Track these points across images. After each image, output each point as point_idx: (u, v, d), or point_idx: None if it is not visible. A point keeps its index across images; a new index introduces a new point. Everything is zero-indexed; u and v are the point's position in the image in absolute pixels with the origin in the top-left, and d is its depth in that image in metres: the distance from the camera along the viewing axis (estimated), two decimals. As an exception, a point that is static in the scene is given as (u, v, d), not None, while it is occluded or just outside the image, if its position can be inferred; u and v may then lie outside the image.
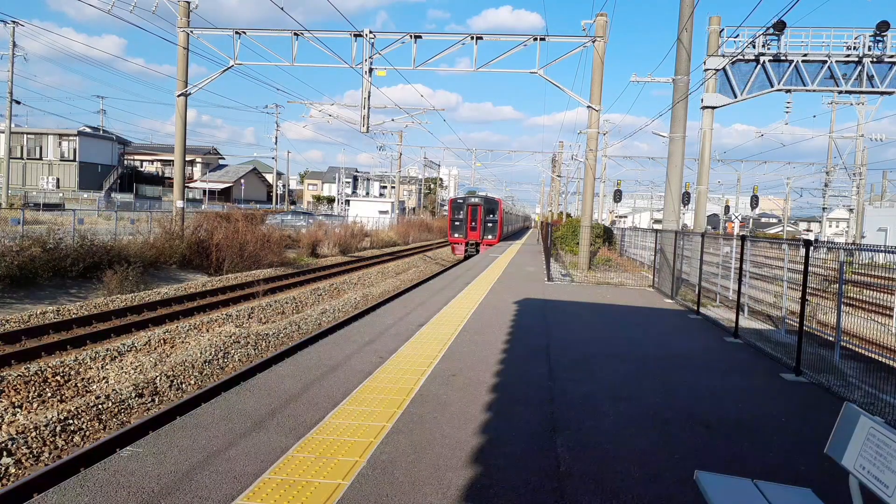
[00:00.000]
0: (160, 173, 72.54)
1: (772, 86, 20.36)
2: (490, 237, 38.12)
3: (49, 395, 9.50)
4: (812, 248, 7.96)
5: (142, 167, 74.41)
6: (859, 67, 19.88)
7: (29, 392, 9.41)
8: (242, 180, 77.22)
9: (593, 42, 21.77)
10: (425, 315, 10.67)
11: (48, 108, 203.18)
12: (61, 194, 52.30)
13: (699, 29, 19.68)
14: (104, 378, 10.53)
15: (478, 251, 36.03)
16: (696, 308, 12.83)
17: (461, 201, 39.65)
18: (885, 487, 2.85)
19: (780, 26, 18.53)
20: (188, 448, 4.49)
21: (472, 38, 22.53)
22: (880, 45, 19.64)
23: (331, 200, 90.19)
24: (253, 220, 28.51)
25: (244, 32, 23.89)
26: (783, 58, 20.15)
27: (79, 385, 10.09)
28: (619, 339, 9.66)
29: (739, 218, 57.49)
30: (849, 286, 8.71)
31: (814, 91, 20.86)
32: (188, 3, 24.45)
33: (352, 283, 24.27)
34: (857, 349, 8.40)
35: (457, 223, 38.72)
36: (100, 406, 8.97)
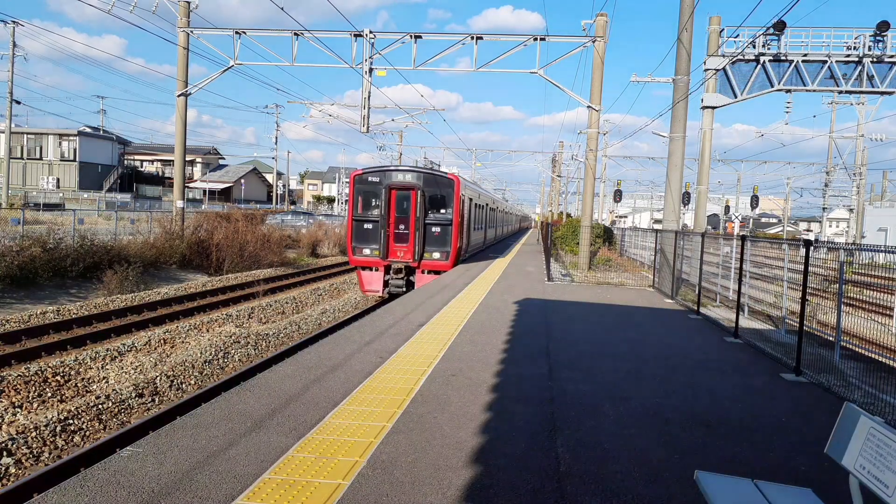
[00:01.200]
0: (160, 173, 72.53)
1: (772, 86, 20.36)
2: (436, 255, 19.14)
3: (49, 395, 9.50)
4: (812, 248, 7.96)
5: (142, 167, 74.41)
6: (859, 67, 19.89)
7: (29, 392, 9.41)
8: (242, 180, 77.20)
9: (593, 42, 21.77)
10: (425, 315, 10.67)
11: (48, 108, 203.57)
12: (61, 194, 52.28)
13: (699, 29, 19.70)
14: (104, 378, 10.54)
15: (411, 286, 18.90)
16: (696, 308, 12.83)
17: (375, 181, 19.26)
18: (885, 487, 2.85)
19: (780, 26, 18.53)
20: (188, 448, 4.49)
21: (473, 38, 22.54)
22: (880, 45, 19.64)
23: (331, 200, 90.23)
24: (253, 220, 28.54)
25: (244, 32, 23.89)
26: (783, 58, 20.15)
27: (79, 385, 10.09)
28: (619, 339, 9.65)
29: (739, 218, 57.50)
30: (849, 286, 8.71)
31: (814, 91, 20.86)
32: (188, 3, 24.45)
33: (352, 283, 24.27)
34: (857, 349, 8.40)
35: (366, 226, 19.20)
36: (100, 406, 8.96)
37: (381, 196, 18.97)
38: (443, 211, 19.37)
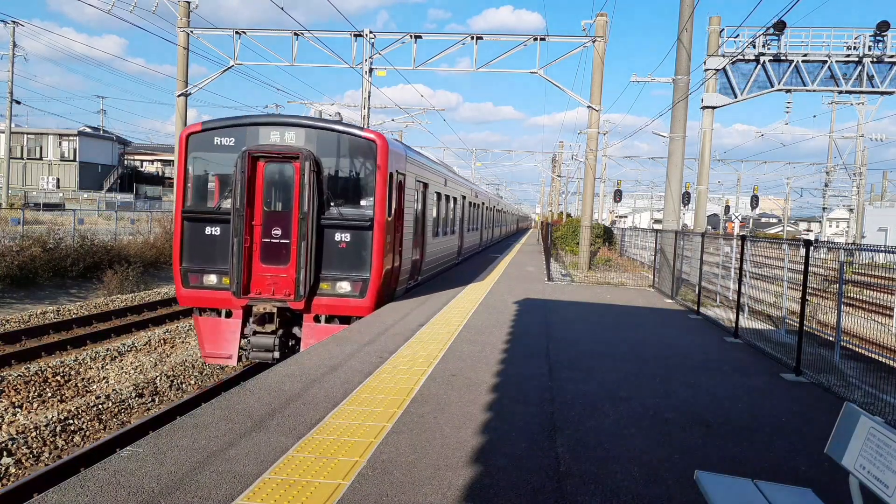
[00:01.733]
0: (160, 173, 72.53)
1: (772, 86, 20.36)
2: (343, 286, 10.18)
3: (49, 395, 9.50)
4: (812, 248, 7.96)
5: (142, 167, 74.42)
6: (859, 67, 19.89)
7: (29, 392, 9.42)
8: (242, 180, 77.13)
9: (593, 42, 21.77)
10: (425, 315, 10.67)
11: (48, 108, 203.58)
12: (61, 194, 52.26)
13: (699, 29, 19.71)
14: (104, 378, 10.54)
15: (293, 346, 10.44)
16: (696, 308, 12.83)
17: (229, 143, 10.21)
18: (885, 487, 2.85)
19: (780, 26, 18.53)
20: (188, 448, 4.49)
21: (473, 38, 22.53)
22: (880, 45, 19.65)
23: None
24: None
25: (244, 32, 23.87)
26: (783, 58, 20.16)
27: (79, 385, 10.09)
28: (619, 340, 9.66)
29: (739, 218, 57.49)
30: (849, 286, 8.71)
31: (814, 91, 20.88)
32: (188, 3, 24.45)
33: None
34: (857, 349, 8.40)
35: (208, 231, 10.24)
36: (100, 406, 8.97)
37: (238, 176, 10.02)
38: (362, 203, 10.61)
